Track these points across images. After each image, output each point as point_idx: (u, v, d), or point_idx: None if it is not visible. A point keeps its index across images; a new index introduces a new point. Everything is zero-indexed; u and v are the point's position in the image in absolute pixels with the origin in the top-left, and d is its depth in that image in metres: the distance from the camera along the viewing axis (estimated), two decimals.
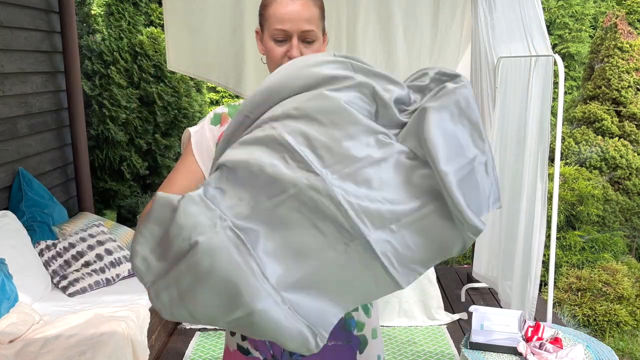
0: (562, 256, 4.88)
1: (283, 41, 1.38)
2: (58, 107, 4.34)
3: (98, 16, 6.28)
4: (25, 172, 3.75)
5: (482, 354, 2.27)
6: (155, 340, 3.25)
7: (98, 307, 2.86)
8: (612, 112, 5.75)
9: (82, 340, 2.48)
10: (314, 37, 1.39)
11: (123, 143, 5.80)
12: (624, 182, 5.60)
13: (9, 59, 3.69)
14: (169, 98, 5.95)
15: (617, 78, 5.70)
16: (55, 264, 3.32)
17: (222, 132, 1.41)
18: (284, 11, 1.35)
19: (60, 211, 3.90)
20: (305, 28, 1.37)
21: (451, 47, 4.15)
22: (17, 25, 3.81)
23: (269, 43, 1.39)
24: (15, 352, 2.42)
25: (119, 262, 3.40)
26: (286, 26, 1.36)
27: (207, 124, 1.43)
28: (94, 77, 5.72)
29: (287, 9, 1.35)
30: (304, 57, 1.22)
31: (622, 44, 5.72)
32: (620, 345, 4.03)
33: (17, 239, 3.18)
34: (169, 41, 4.00)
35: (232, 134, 1.22)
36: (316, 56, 1.19)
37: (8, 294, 2.79)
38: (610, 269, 4.51)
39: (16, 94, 3.76)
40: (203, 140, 1.41)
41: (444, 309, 3.83)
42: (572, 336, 2.42)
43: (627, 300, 4.31)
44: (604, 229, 5.35)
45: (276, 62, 1.40)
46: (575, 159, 5.74)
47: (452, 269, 4.80)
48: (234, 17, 3.96)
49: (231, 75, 4.08)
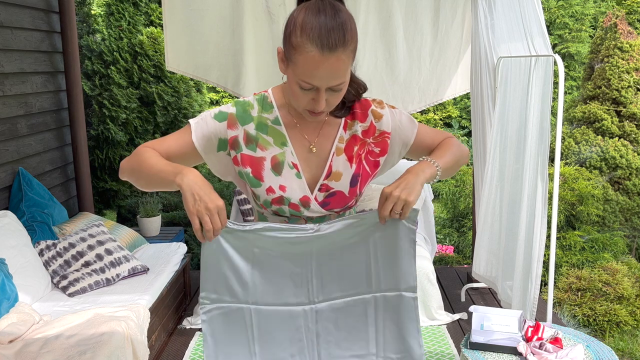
0: (562, 256, 4.88)
1: (309, 90, 1.33)
2: (58, 107, 4.34)
3: (98, 16, 6.28)
4: (25, 172, 3.75)
5: (482, 354, 2.27)
6: (155, 340, 3.25)
7: (98, 307, 2.86)
8: (612, 112, 5.75)
9: (82, 340, 2.48)
10: (341, 87, 1.35)
11: (123, 143, 5.80)
12: (624, 182, 5.60)
13: (9, 59, 3.69)
14: (169, 98, 5.95)
15: (617, 78, 5.70)
16: (55, 264, 3.32)
17: (232, 136, 1.44)
18: (314, 67, 1.28)
19: (60, 211, 3.90)
20: (335, 83, 1.32)
21: (451, 47, 4.16)
22: (17, 25, 3.81)
23: (294, 87, 1.34)
24: (15, 352, 2.42)
25: (119, 262, 3.40)
26: (315, 82, 1.30)
27: (210, 116, 1.46)
28: (94, 77, 5.72)
29: (318, 65, 1.27)
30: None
31: (622, 44, 5.72)
32: (620, 345, 4.03)
33: (17, 239, 3.18)
34: (167, 41, 3.99)
35: None
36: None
37: (8, 294, 2.79)
38: (610, 269, 4.51)
39: (16, 94, 3.76)
40: (203, 127, 1.45)
41: (444, 309, 3.83)
42: (572, 336, 2.42)
43: (627, 300, 4.31)
44: (604, 229, 5.35)
45: (299, 106, 1.39)
46: (575, 159, 5.73)
47: (452, 269, 4.80)
48: (234, 18, 3.95)
49: (230, 75, 4.08)
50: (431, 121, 8.53)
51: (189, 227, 5.71)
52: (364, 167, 1.49)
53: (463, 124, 8.68)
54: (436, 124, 8.56)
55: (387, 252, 1.47)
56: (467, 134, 8.41)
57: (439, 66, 4.19)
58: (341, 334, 1.52)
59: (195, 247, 5.44)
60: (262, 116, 1.46)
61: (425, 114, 8.55)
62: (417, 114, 8.17)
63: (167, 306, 3.53)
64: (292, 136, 1.47)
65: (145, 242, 4.13)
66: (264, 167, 1.44)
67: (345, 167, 1.47)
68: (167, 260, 3.72)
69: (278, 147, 1.45)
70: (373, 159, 1.51)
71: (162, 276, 3.47)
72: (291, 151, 1.46)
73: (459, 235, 5.78)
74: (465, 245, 5.59)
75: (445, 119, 8.74)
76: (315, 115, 1.39)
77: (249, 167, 1.44)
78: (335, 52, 1.27)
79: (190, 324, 3.72)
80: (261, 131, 1.45)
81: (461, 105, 8.73)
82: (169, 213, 5.82)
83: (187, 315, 3.84)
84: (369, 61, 4.12)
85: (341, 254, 1.48)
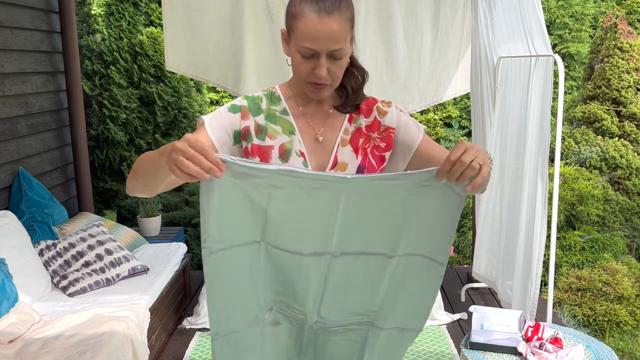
0: (562, 256, 4.88)
1: (310, 57, 1.37)
2: (58, 107, 4.34)
3: (98, 16, 6.28)
4: (25, 172, 3.75)
5: (482, 354, 2.27)
6: (155, 340, 3.25)
7: (98, 307, 2.86)
8: (612, 112, 5.75)
9: (82, 340, 2.48)
10: (342, 54, 1.38)
11: (123, 143, 5.80)
12: (624, 182, 5.60)
13: (9, 59, 3.69)
14: (169, 98, 5.95)
15: (617, 78, 5.70)
16: (55, 264, 3.31)
17: (244, 127, 1.46)
18: (314, 30, 1.33)
19: (60, 211, 3.90)
20: (334, 47, 1.36)
21: (452, 47, 4.15)
22: (17, 25, 3.81)
23: (295, 56, 1.39)
24: (15, 352, 2.42)
25: (119, 262, 3.40)
26: (314, 46, 1.34)
27: (225, 111, 1.48)
28: (94, 77, 5.72)
29: (317, 27, 1.33)
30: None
31: (622, 44, 5.72)
32: (620, 345, 4.03)
33: (17, 239, 3.18)
34: (167, 41, 3.99)
35: None
36: None
37: (8, 294, 2.79)
38: (610, 269, 4.51)
39: (16, 94, 3.76)
40: (219, 119, 1.46)
41: (444, 309, 3.83)
42: (572, 336, 2.42)
43: (627, 300, 4.31)
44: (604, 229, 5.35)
45: (302, 77, 1.42)
46: (575, 159, 5.73)
47: (452, 269, 4.80)
48: (234, 18, 3.95)
49: (230, 75, 4.07)
50: (431, 121, 8.52)
51: (189, 227, 5.71)
52: (370, 160, 1.51)
53: (463, 124, 8.67)
54: (436, 124, 8.56)
55: (426, 216, 1.33)
56: (467, 134, 8.41)
57: (439, 66, 4.19)
58: (349, 290, 1.41)
59: (195, 247, 5.44)
60: (271, 108, 1.50)
61: (425, 114, 8.55)
62: (417, 114, 8.17)
63: (167, 306, 3.53)
64: (300, 125, 1.50)
65: (145, 242, 4.13)
66: (271, 155, 1.46)
67: (351, 158, 1.49)
68: (167, 260, 3.72)
69: (286, 136, 1.48)
70: (379, 154, 1.52)
71: (162, 276, 3.47)
72: (299, 139, 1.48)
73: (458, 235, 5.78)
74: (465, 245, 5.59)
75: (445, 119, 8.74)
76: (318, 87, 1.42)
77: (257, 156, 1.46)
78: (332, 15, 1.33)
79: (190, 324, 3.72)
80: (270, 121, 1.48)
81: (461, 105, 8.73)
82: (169, 213, 5.82)
83: (187, 315, 3.84)
84: (369, 61, 4.12)
85: (372, 208, 1.33)
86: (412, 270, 1.39)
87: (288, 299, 1.43)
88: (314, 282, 1.40)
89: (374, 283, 1.42)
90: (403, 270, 1.39)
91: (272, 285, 1.41)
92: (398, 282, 1.41)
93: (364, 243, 1.37)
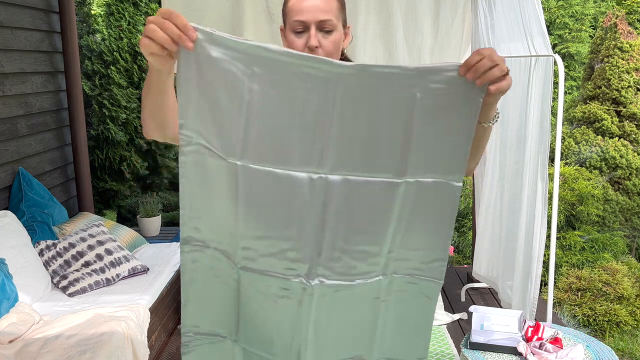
0: (562, 256, 4.88)
1: (302, 32, 1.40)
2: (58, 107, 4.34)
3: (98, 16, 6.28)
4: (25, 172, 3.75)
5: (482, 354, 2.27)
6: (155, 340, 3.25)
7: (98, 307, 2.86)
8: (612, 112, 5.75)
9: (82, 340, 2.48)
10: (331, 26, 1.41)
11: (123, 143, 5.80)
12: (624, 182, 5.60)
13: (9, 59, 3.69)
14: None
15: (617, 78, 5.70)
16: (55, 264, 3.31)
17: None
18: (302, 3, 1.39)
19: (60, 211, 3.90)
20: (323, 18, 1.39)
21: (452, 47, 4.15)
22: (17, 25, 3.81)
23: (290, 36, 1.42)
24: (15, 352, 2.42)
25: (119, 262, 3.40)
26: (303, 17, 1.38)
27: None
28: (94, 77, 5.72)
29: (305, 1, 1.39)
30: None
31: (622, 44, 5.72)
32: (620, 345, 4.03)
33: (17, 239, 3.18)
34: None
35: None
36: None
37: (8, 294, 2.79)
38: (610, 269, 4.51)
39: (16, 94, 3.76)
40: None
41: (444, 309, 3.83)
42: (572, 336, 2.42)
43: (627, 300, 4.31)
44: (604, 229, 5.35)
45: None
46: (575, 159, 5.73)
47: (452, 269, 4.80)
48: (234, 18, 3.95)
49: None
50: None
51: None
52: None
53: None
54: None
55: (437, 124, 1.08)
56: None
57: None
58: (353, 221, 1.16)
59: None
60: None
61: None
62: None
63: (167, 306, 3.53)
64: None
65: (145, 242, 4.13)
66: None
67: None
68: (167, 260, 3.72)
69: None
70: None
71: (162, 276, 3.47)
72: None
73: (459, 235, 5.78)
74: (465, 245, 5.59)
75: None
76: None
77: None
78: None
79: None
80: None
81: None
82: (169, 213, 5.82)
83: None
84: (369, 61, 4.12)
85: (373, 113, 1.07)
86: (425, 196, 1.15)
87: (280, 241, 1.18)
88: (311, 209, 1.14)
89: (381, 210, 1.15)
90: (414, 198, 1.15)
91: (250, 231, 1.16)
92: (409, 211, 1.16)
93: (366, 160, 1.12)
